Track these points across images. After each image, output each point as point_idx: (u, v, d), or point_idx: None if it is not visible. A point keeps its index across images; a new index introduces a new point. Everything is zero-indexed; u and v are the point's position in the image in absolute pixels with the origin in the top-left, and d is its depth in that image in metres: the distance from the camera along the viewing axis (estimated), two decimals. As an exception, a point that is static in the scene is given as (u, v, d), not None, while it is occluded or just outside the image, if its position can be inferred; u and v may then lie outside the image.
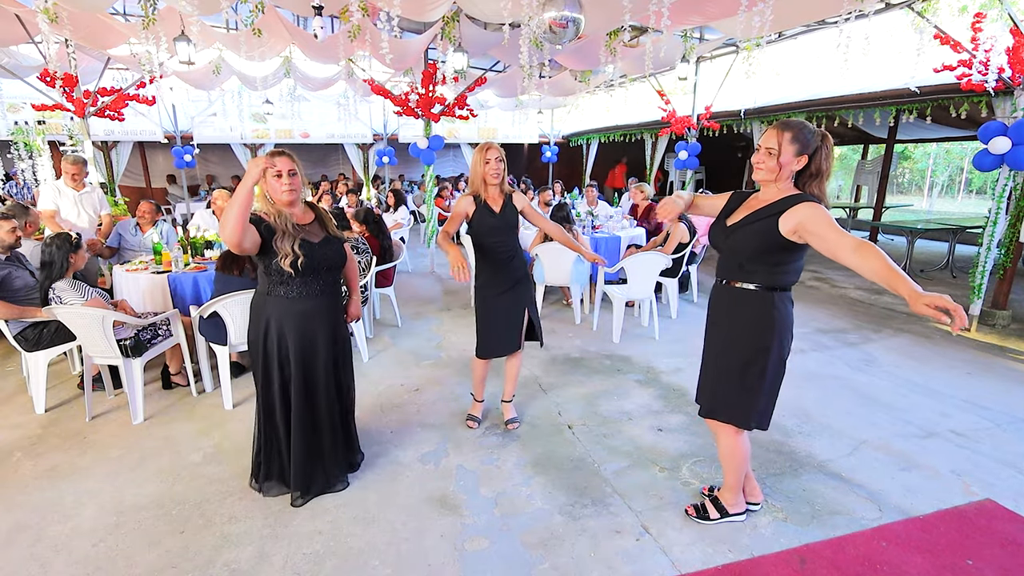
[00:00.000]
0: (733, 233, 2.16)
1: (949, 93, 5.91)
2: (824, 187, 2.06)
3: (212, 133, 12.41)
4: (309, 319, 2.44)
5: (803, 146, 2.01)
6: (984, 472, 2.88)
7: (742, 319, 2.19)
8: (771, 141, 2.03)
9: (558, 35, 3.66)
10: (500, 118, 14.70)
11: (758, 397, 2.21)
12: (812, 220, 1.92)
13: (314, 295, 2.43)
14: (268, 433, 2.58)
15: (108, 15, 5.71)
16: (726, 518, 2.47)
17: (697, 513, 2.50)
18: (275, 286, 2.38)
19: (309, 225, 2.46)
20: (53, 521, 2.49)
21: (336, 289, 2.60)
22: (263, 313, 2.42)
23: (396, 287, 5.54)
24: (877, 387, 3.95)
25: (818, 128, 2.07)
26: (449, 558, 2.27)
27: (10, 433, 3.30)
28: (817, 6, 5.18)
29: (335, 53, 6.57)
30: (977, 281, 5.24)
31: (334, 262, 2.51)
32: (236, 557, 2.26)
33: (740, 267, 2.17)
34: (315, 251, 2.38)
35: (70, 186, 4.91)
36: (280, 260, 2.29)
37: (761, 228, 2.05)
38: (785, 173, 2.05)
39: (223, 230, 2.10)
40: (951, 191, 20.87)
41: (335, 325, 2.58)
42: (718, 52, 8.23)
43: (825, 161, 2.04)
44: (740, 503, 2.48)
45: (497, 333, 3.13)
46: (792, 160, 2.02)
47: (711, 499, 2.52)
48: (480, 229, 3.01)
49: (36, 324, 3.48)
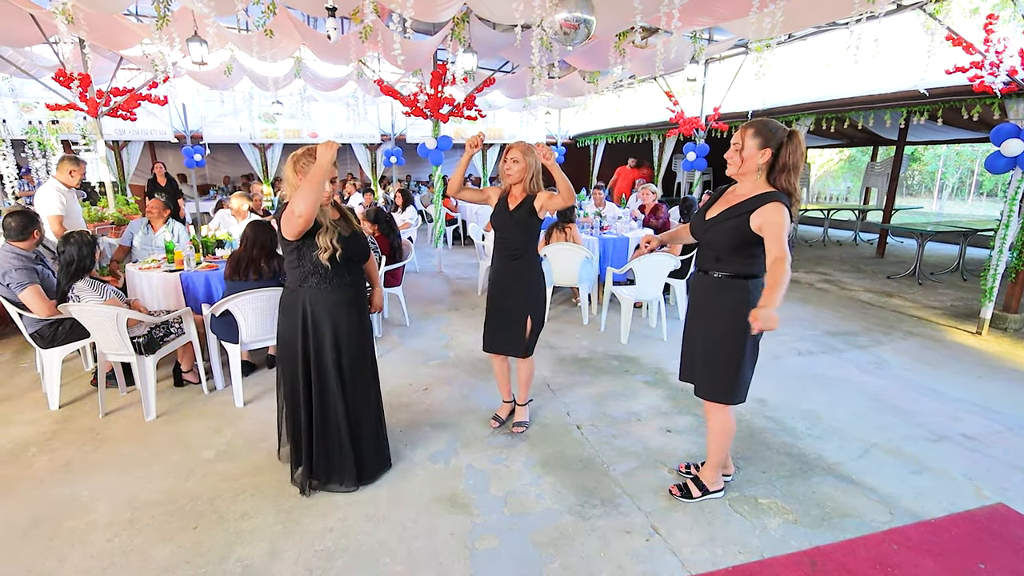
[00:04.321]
0: (711, 228, 2.34)
1: (960, 95, 5.86)
2: (793, 180, 2.22)
3: (222, 133, 12.51)
4: (340, 308, 2.54)
5: (765, 140, 2.18)
6: (996, 476, 2.87)
7: (722, 306, 2.37)
8: (736, 137, 2.26)
9: (569, 36, 3.66)
10: (507, 118, 14.72)
11: (741, 374, 2.39)
12: (768, 223, 2.13)
13: (345, 286, 2.55)
14: (295, 423, 2.63)
15: (122, 16, 5.77)
16: (707, 495, 2.63)
17: (681, 493, 2.65)
18: (307, 276, 2.48)
19: (338, 221, 2.56)
20: (69, 516, 2.53)
21: (361, 281, 2.72)
22: (296, 305, 2.51)
23: (404, 287, 5.57)
24: (887, 390, 3.93)
25: (785, 126, 2.22)
26: (459, 556, 2.28)
27: (25, 429, 3.35)
28: (828, 7, 5.17)
29: (346, 54, 6.61)
30: (989, 284, 5.20)
31: (363, 253, 2.66)
32: (249, 553, 2.29)
33: (717, 259, 2.36)
34: (349, 244, 2.50)
35: (71, 186, 4.92)
36: (319, 253, 2.40)
37: (735, 224, 2.24)
38: (751, 166, 2.23)
39: (299, 208, 2.22)
40: (961, 193, 20.70)
41: (362, 315, 2.68)
42: (727, 53, 8.21)
43: (792, 156, 2.19)
44: (719, 481, 2.67)
45: (492, 329, 3.16)
46: (756, 153, 2.20)
47: (693, 479, 2.68)
48: (492, 219, 3.13)
49: (52, 322, 3.53)
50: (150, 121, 11.16)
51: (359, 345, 2.63)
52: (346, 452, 2.64)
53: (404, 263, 5.47)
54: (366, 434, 2.72)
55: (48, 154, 7.49)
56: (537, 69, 5.66)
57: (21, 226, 3.52)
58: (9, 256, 3.48)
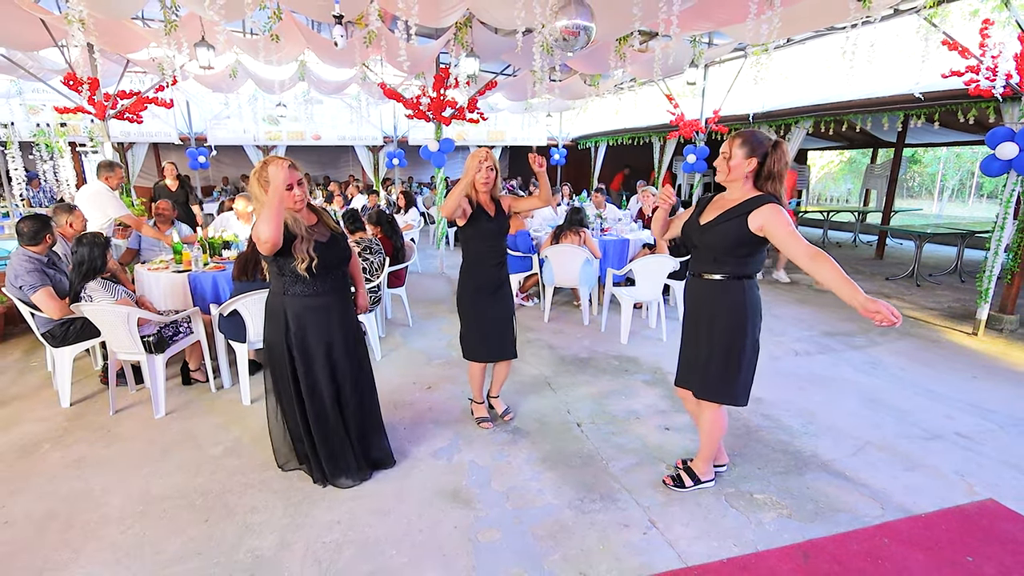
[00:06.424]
0: (709, 230, 2.40)
1: (957, 99, 5.93)
2: (779, 187, 2.32)
3: (226, 135, 12.62)
4: (324, 314, 2.57)
5: (751, 149, 2.29)
6: (988, 473, 2.93)
7: (720, 307, 2.44)
8: (725, 147, 2.36)
9: (570, 43, 3.74)
10: (509, 121, 14.82)
11: (741, 375, 2.47)
12: (772, 223, 2.22)
13: (326, 292, 2.56)
14: (285, 426, 2.71)
15: (130, 20, 5.86)
16: (699, 485, 2.74)
17: (674, 482, 2.76)
18: (290, 286, 2.51)
19: (315, 226, 2.57)
20: (82, 510, 2.60)
21: (345, 284, 2.74)
22: (280, 312, 2.54)
23: (407, 287, 5.64)
24: (882, 389, 4.00)
25: (770, 136, 2.32)
26: (463, 548, 2.35)
27: (38, 426, 3.42)
28: (825, 13, 5.24)
29: (351, 58, 6.69)
30: (984, 285, 5.26)
31: (342, 259, 2.66)
32: (259, 545, 2.36)
33: (714, 260, 2.42)
34: (326, 251, 2.51)
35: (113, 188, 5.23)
36: (297, 264, 2.41)
37: (733, 225, 2.32)
38: (738, 174, 2.33)
39: (263, 234, 2.23)
40: (961, 195, 20.73)
41: (347, 318, 2.71)
42: (726, 57, 8.28)
43: (777, 164, 2.29)
44: (710, 471, 2.77)
45: (491, 339, 3.22)
46: (743, 162, 2.30)
47: (685, 469, 2.79)
48: (477, 232, 3.08)
49: (63, 322, 3.60)
50: (155, 123, 11.27)
51: (346, 348, 2.65)
52: (344, 451, 2.70)
53: (407, 264, 5.55)
54: (363, 433, 2.78)
55: (55, 156, 7.58)
56: (538, 73, 5.74)
57: (34, 231, 3.60)
58: (22, 260, 3.56)
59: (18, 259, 3.57)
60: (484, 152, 3.01)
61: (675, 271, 5.10)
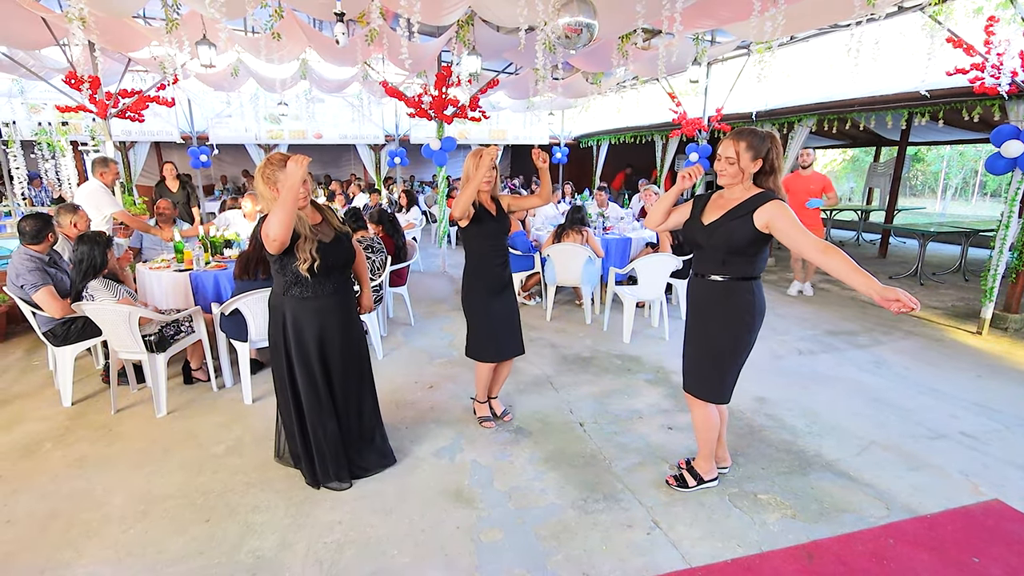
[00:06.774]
0: (715, 231, 2.36)
1: (961, 96, 5.89)
2: (778, 180, 2.33)
3: (227, 134, 12.60)
4: (324, 316, 2.54)
5: (757, 152, 2.28)
6: (993, 473, 2.91)
7: (728, 309, 2.42)
8: (729, 151, 2.30)
9: (572, 40, 3.72)
10: (511, 119, 14.78)
11: (728, 376, 2.50)
12: (779, 218, 2.21)
13: (327, 293, 2.53)
14: (287, 424, 2.70)
15: (131, 19, 5.85)
16: (702, 485, 2.72)
17: (677, 482, 2.75)
18: (290, 286, 2.48)
19: (319, 225, 2.54)
20: (84, 508, 2.60)
21: (348, 285, 2.70)
22: (280, 312, 2.53)
23: (409, 286, 5.63)
24: (886, 389, 3.98)
25: (767, 131, 2.31)
26: (465, 548, 2.34)
27: (39, 425, 3.42)
28: (828, 10, 5.21)
29: (352, 57, 6.68)
30: (989, 284, 5.23)
31: (346, 260, 2.61)
32: (260, 545, 2.35)
33: (723, 262, 2.39)
34: (328, 252, 2.48)
35: (108, 185, 5.22)
36: (299, 264, 2.39)
37: (739, 224, 2.30)
38: (745, 176, 2.33)
39: (273, 231, 2.22)
40: (965, 193, 20.65)
41: (349, 319, 2.68)
42: (729, 55, 8.25)
43: (776, 159, 2.31)
44: (713, 470, 2.75)
45: (502, 338, 3.22)
46: (750, 165, 2.30)
47: (688, 469, 2.78)
48: (480, 232, 3.07)
49: (65, 321, 3.60)
50: (156, 122, 11.26)
51: (346, 350, 2.63)
52: (340, 452, 2.68)
53: (408, 263, 5.53)
54: (361, 434, 2.77)
55: (57, 155, 7.58)
56: (541, 71, 5.72)
57: (35, 230, 3.60)
58: (23, 259, 3.56)
59: (19, 258, 3.57)
60: (492, 151, 2.95)
61: (677, 270, 5.09)
